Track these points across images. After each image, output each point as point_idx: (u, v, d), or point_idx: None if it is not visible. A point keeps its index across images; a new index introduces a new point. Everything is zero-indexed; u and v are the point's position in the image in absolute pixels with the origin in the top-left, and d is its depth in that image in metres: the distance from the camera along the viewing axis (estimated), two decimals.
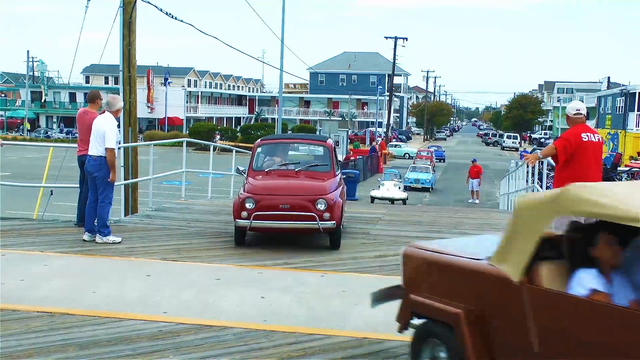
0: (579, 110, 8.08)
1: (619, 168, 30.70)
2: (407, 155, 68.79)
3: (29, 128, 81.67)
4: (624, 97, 51.61)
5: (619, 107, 53.50)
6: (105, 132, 9.63)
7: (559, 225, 4.48)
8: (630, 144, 46.70)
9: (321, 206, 9.48)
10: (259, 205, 9.49)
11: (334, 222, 9.53)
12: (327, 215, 9.46)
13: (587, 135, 7.86)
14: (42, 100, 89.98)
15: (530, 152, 20.54)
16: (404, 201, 31.65)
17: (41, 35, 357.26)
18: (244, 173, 10.67)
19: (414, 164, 46.72)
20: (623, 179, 26.49)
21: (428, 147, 69.50)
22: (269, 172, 10.51)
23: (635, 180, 8.39)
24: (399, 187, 33.89)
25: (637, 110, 48.04)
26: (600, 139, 8.19)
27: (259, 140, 11.45)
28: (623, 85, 61.54)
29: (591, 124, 79.05)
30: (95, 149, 9.74)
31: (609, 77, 73.28)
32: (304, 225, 9.58)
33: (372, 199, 31.54)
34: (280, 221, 9.54)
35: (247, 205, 9.51)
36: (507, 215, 16.92)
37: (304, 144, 12.26)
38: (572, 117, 8.05)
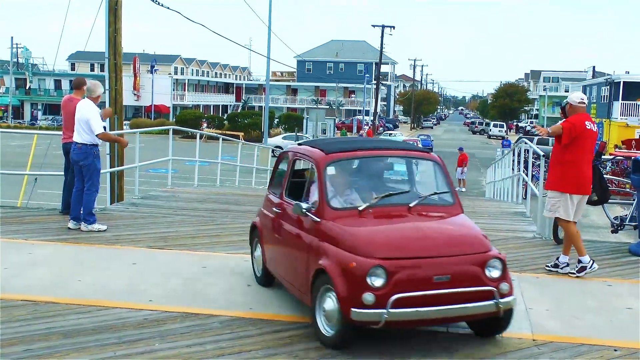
0: (583, 99, 8.32)
1: (603, 156, 30.83)
2: None
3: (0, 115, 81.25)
4: (608, 87, 51.90)
5: (604, 96, 53.79)
6: (89, 120, 9.54)
7: None
8: (615, 132, 46.99)
9: (495, 272, 5.54)
10: (397, 279, 5.27)
11: (514, 296, 5.69)
12: (505, 286, 5.53)
13: (589, 124, 8.06)
14: (27, 87, 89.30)
15: (516, 141, 20.67)
16: None
17: (26, 22, 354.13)
18: (310, 212, 6.01)
19: None
20: (607, 167, 26.61)
21: (417, 136, 69.04)
22: (366, 212, 5.94)
23: None
24: None
25: (622, 100, 48.35)
26: (597, 129, 8.36)
27: (319, 151, 6.46)
28: (608, 74, 61.82)
29: None
30: (79, 137, 9.66)
31: (594, 67, 73.71)
32: (474, 310, 5.46)
33: None
34: (437, 306, 5.33)
35: (373, 282, 5.22)
36: (492, 203, 17.00)
37: (399, 158, 7.05)
38: (575, 106, 8.22)
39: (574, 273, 8.04)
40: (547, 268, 8.26)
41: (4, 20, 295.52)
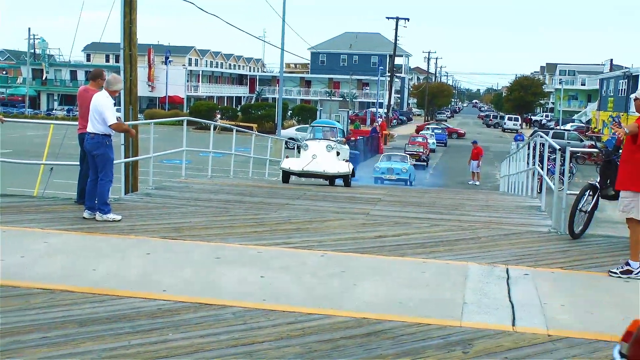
0: None
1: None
2: None
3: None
4: (626, 80, 51.54)
5: (622, 89, 53.43)
6: (104, 112, 9.59)
7: None
8: None
9: None
10: None
11: None
12: None
13: None
14: (43, 78, 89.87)
15: (531, 135, 20.50)
16: (346, 179, 17.98)
17: (42, 13, 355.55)
18: None
19: (405, 151, 42.33)
20: None
21: (432, 130, 66.89)
22: None
23: None
24: (338, 153, 18.30)
25: None
26: None
27: None
28: (626, 67, 61.29)
29: (593, 106, 78.77)
30: (92, 127, 9.72)
31: (611, 60, 73.23)
32: None
33: (285, 174, 17.96)
34: None
35: None
36: (506, 197, 16.93)
37: None
38: None
39: (615, 272, 7.68)
40: (615, 274, 7.68)
41: (21, 12, 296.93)
